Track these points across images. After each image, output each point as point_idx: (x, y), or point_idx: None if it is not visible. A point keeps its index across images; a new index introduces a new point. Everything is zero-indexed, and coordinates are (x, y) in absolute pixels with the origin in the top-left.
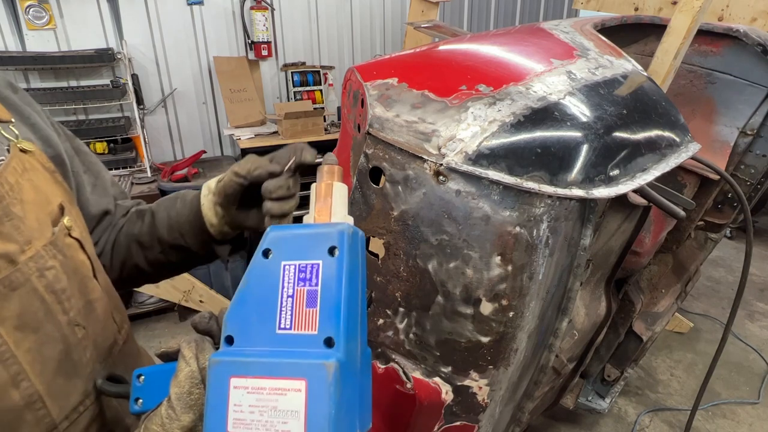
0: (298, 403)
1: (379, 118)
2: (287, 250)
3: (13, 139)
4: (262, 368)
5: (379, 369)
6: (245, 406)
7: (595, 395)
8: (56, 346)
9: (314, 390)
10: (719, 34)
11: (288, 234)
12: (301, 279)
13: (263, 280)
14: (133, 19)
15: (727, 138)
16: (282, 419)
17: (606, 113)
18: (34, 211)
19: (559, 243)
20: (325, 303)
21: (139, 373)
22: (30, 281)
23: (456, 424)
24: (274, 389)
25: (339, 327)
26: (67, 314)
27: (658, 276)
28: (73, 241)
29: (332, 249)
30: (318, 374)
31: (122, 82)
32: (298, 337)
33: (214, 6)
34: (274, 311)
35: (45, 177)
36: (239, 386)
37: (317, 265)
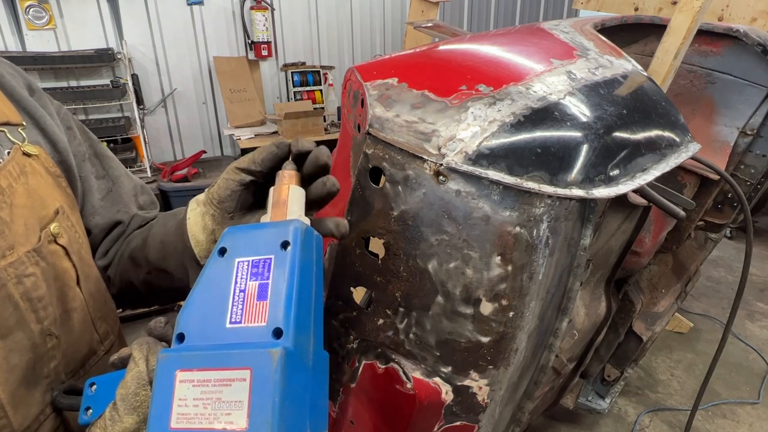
0: (243, 393)
1: (379, 118)
2: (242, 248)
3: (18, 142)
4: (208, 360)
5: (379, 369)
6: (190, 400)
7: (595, 395)
8: (24, 355)
9: (259, 378)
10: (719, 34)
11: (243, 232)
12: (253, 274)
13: (217, 279)
14: (133, 19)
15: (727, 138)
16: (225, 410)
17: (606, 113)
18: (24, 215)
19: (559, 243)
20: (275, 295)
21: (92, 381)
22: (6, 287)
23: (456, 424)
24: (219, 380)
25: (288, 317)
26: (41, 323)
27: (658, 276)
28: (59, 248)
29: (285, 243)
30: (263, 362)
31: (122, 82)
32: (247, 330)
33: (214, 6)
34: (226, 307)
35: (46, 181)
36: (185, 380)
37: (269, 259)
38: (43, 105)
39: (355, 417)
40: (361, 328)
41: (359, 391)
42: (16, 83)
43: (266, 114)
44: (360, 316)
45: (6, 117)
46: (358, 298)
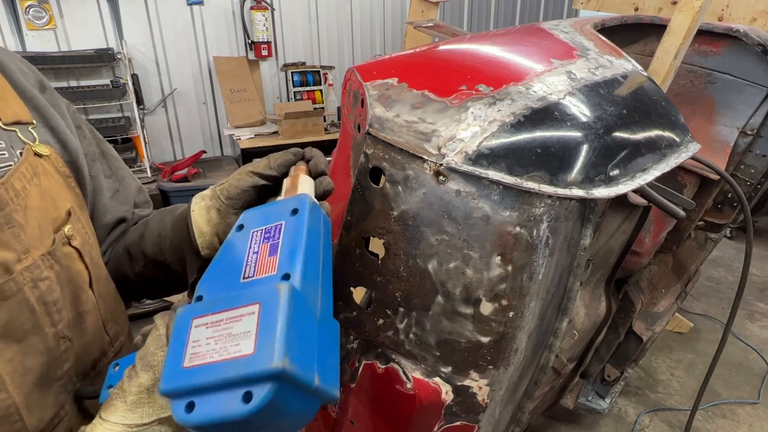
0: (251, 324)
1: (379, 118)
2: (257, 221)
3: (29, 142)
4: (221, 304)
5: (379, 369)
6: (203, 340)
7: (595, 395)
8: (39, 358)
9: (267, 308)
10: (719, 34)
11: (259, 209)
12: (266, 238)
13: (234, 249)
14: (133, 19)
15: (727, 138)
16: (234, 342)
17: (606, 113)
18: (37, 218)
19: (559, 243)
20: (285, 249)
21: (116, 362)
22: (22, 291)
23: (456, 424)
24: (230, 318)
25: (295, 264)
26: (55, 326)
27: (658, 276)
28: (72, 250)
29: (294, 210)
30: (271, 295)
31: (122, 82)
32: (258, 280)
33: (214, 6)
34: (240, 268)
35: (57, 182)
36: (200, 324)
37: (281, 224)
38: (54, 104)
39: (355, 417)
40: (361, 328)
41: (359, 391)
42: (27, 81)
43: (266, 114)
44: (360, 316)
45: (17, 116)
46: (358, 298)
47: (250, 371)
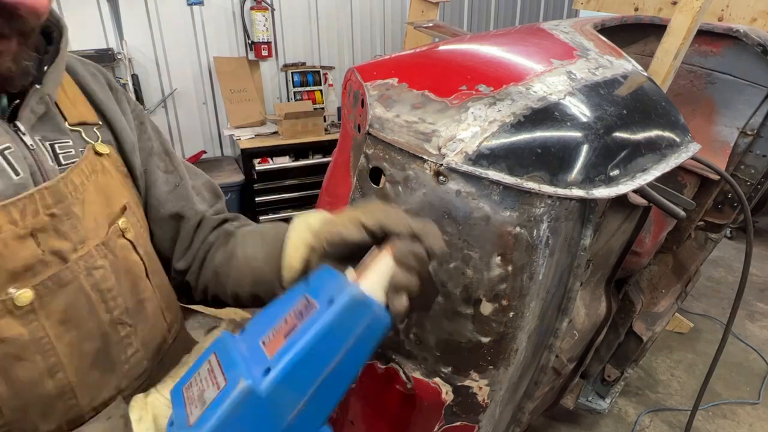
0: (211, 398)
1: (379, 119)
2: (313, 287)
3: (92, 141)
4: (225, 357)
5: (380, 369)
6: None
7: (595, 395)
8: (95, 343)
9: (223, 394)
10: (719, 34)
11: (324, 275)
12: (299, 313)
13: (287, 301)
14: (133, 19)
15: (727, 138)
16: (201, 402)
17: (606, 113)
18: (94, 211)
19: (559, 243)
20: (291, 340)
21: None
22: (78, 279)
23: (456, 424)
24: (214, 378)
25: (282, 365)
26: (111, 313)
27: (658, 276)
28: (126, 242)
29: (331, 301)
30: (233, 383)
31: (122, 83)
32: (260, 355)
33: (214, 6)
34: (270, 328)
35: (115, 179)
36: (208, 362)
37: (314, 308)
38: (119, 100)
39: (355, 417)
40: None
41: (359, 391)
42: (96, 84)
43: (266, 114)
44: None
45: (83, 117)
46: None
47: None
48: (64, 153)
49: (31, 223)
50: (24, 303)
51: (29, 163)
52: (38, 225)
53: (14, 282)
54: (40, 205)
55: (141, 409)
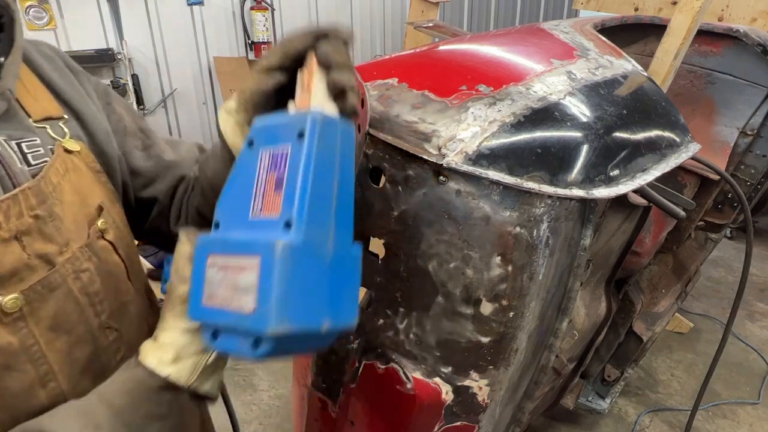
0: (253, 280)
1: (379, 119)
2: (266, 138)
3: (59, 138)
4: (230, 247)
5: (380, 369)
6: (215, 282)
7: (596, 395)
8: (86, 348)
9: (265, 267)
10: (719, 34)
11: (268, 122)
12: (272, 165)
13: (245, 169)
14: (133, 19)
15: (727, 138)
16: (239, 295)
17: (606, 113)
18: (73, 212)
19: (559, 243)
20: (288, 186)
21: (169, 259)
22: (66, 283)
23: (456, 424)
24: (237, 267)
25: (299, 209)
26: (99, 317)
27: (658, 276)
28: (107, 243)
29: (301, 134)
30: (268, 252)
31: (122, 83)
32: (265, 221)
33: (214, 6)
34: (250, 198)
35: (88, 177)
36: (212, 264)
37: (287, 150)
38: (81, 83)
39: (355, 417)
40: (361, 329)
41: (359, 391)
42: (55, 70)
43: None
44: (360, 316)
45: (47, 111)
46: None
47: (252, 328)
48: (32, 152)
49: (16, 226)
50: (13, 309)
51: None
52: (23, 227)
53: (3, 287)
54: (24, 207)
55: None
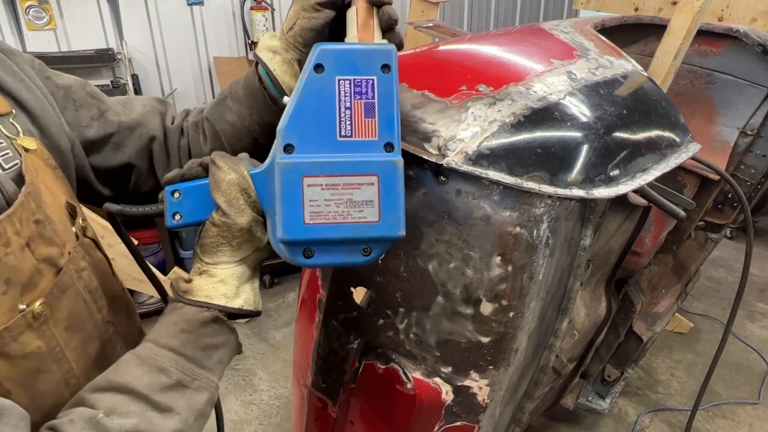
0: (372, 194)
1: None
2: (340, 66)
3: (14, 136)
4: (334, 167)
5: (380, 369)
6: (321, 201)
7: (596, 395)
8: (95, 344)
9: (386, 183)
10: (719, 34)
11: (339, 50)
12: (357, 93)
13: (318, 94)
14: (133, 19)
15: (728, 138)
16: (358, 208)
17: (606, 113)
18: (56, 213)
19: (559, 243)
20: (382, 113)
21: (174, 189)
22: (74, 283)
23: (456, 424)
24: (349, 184)
25: (395, 133)
26: (101, 312)
27: (658, 276)
28: (90, 240)
29: (385, 66)
30: (389, 169)
31: (122, 83)
32: (359, 143)
33: (214, 6)
34: (333, 121)
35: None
36: (313, 184)
37: (372, 80)
38: (18, 64)
39: (355, 417)
40: (361, 329)
41: (359, 391)
42: None
43: None
44: (360, 316)
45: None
46: (358, 298)
47: (377, 235)
48: (2, 156)
49: (26, 233)
50: (40, 314)
51: None
52: (30, 233)
53: (24, 295)
54: (28, 213)
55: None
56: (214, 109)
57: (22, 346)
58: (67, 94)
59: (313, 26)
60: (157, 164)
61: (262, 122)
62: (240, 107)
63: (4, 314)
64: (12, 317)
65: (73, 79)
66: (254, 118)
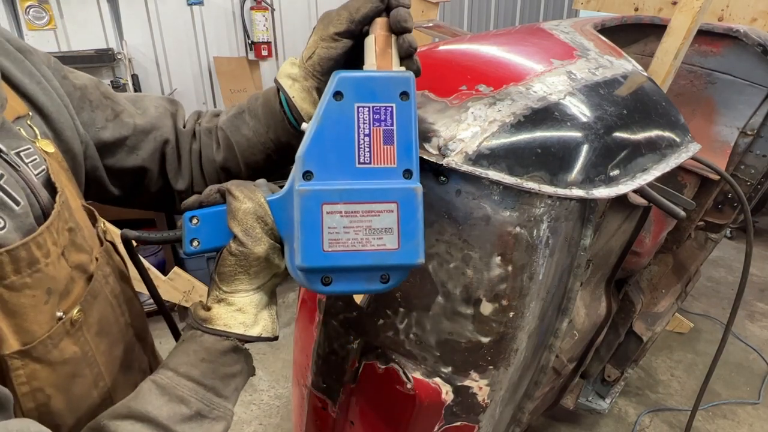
0: (392, 222)
1: None
2: (359, 94)
3: (33, 139)
4: (353, 194)
5: (380, 369)
6: (340, 228)
7: (596, 395)
8: (120, 347)
9: (405, 210)
10: (719, 34)
11: (358, 77)
12: (376, 120)
13: (338, 121)
14: (133, 19)
15: (728, 138)
16: (377, 236)
17: (606, 113)
18: (82, 218)
19: (559, 243)
20: (401, 140)
21: (192, 215)
22: (103, 289)
23: (456, 424)
24: (368, 212)
25: (414, 160)
26: (124, 316)
27: (658, 276)
28: (109, 244)
29: (403, 94)
30: (408, 197)
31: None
32: (378, 170)
33: (214, 6)
34: (352, 148)
35: (66, 179)
36: (332, 211)
37: (391, 107)
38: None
39: (355, 417)
40: (362, 329)
41: (359, 391)
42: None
43: None
44: (360, 316)
45: (15, 111)
46: (358, 298)
47: (396, 263)
48: (31, 160)
49: (62, 242)
50: (77, 320)
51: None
52: (65, 242)
53: (61, 303)
54: (62, 222)
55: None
56: (231, 120)
57: (61, 352)
58: (83, 94)
59: (331, 56)
60: (168, 167)
61: (278, 141)
62: (257, 124)
63: (46, 323)
64: (53, 325)
65: (88, 78)
66: (270, 136)
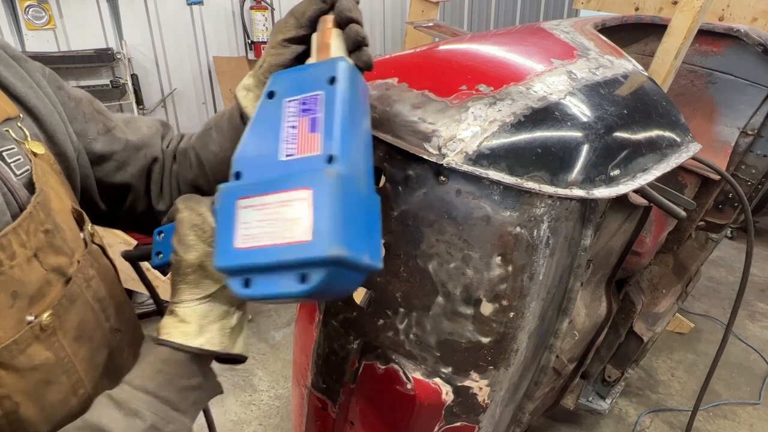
0: (304, 211)
1: (379, 118)
2: (290, 89)
3: (22, 140)
4: (267, 186)
5: (380, 369)
6: (253, 223)
7: (596, 396)
8: (104, 352)
9: (319, 196)
10: (720, 34)
11: (291, 74)
12: (303, 110)
13: (267, 120)
14: (132, 19)
15: (728, 138)
16: (288, 227)
17: (606, 113)
18: (64, 220)
19: (559, 243)
20: (326, 126)
21: (160, 230)
22: (83, 293)
23: (456, 424)
24: (280, 202)
25: (342, 144)
26: (109, 321)
27: (658, 276)
28: (97, 247)
29: (332, 79)
30: (322, 181)
31: (122, 82)
32: (301, 160)
33: (214, 6)
34: (277, 143)
35: (56, 180)
36: (246, 206)
37: (318, 95)
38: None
39: (354, 418)
40: (361, 329)
41: (359, 391)
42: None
43: None
44: (360, 316)
45: (5, 112)
46: (358, 298)
47: (307, 256)
48: (14, 161)
49: (34, 243)
50: (48, 325)
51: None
52: (38, 244)
53: (32, 306)
54: (36, 222)
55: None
56: (200, 138)
57: (30, 358)
58: (77, 105)
59: (280, 62)
60: (153, 186)
61: None
62: (222, 139)
63: (12, 327)
64: (20, 330)
65: (83, 93)
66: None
